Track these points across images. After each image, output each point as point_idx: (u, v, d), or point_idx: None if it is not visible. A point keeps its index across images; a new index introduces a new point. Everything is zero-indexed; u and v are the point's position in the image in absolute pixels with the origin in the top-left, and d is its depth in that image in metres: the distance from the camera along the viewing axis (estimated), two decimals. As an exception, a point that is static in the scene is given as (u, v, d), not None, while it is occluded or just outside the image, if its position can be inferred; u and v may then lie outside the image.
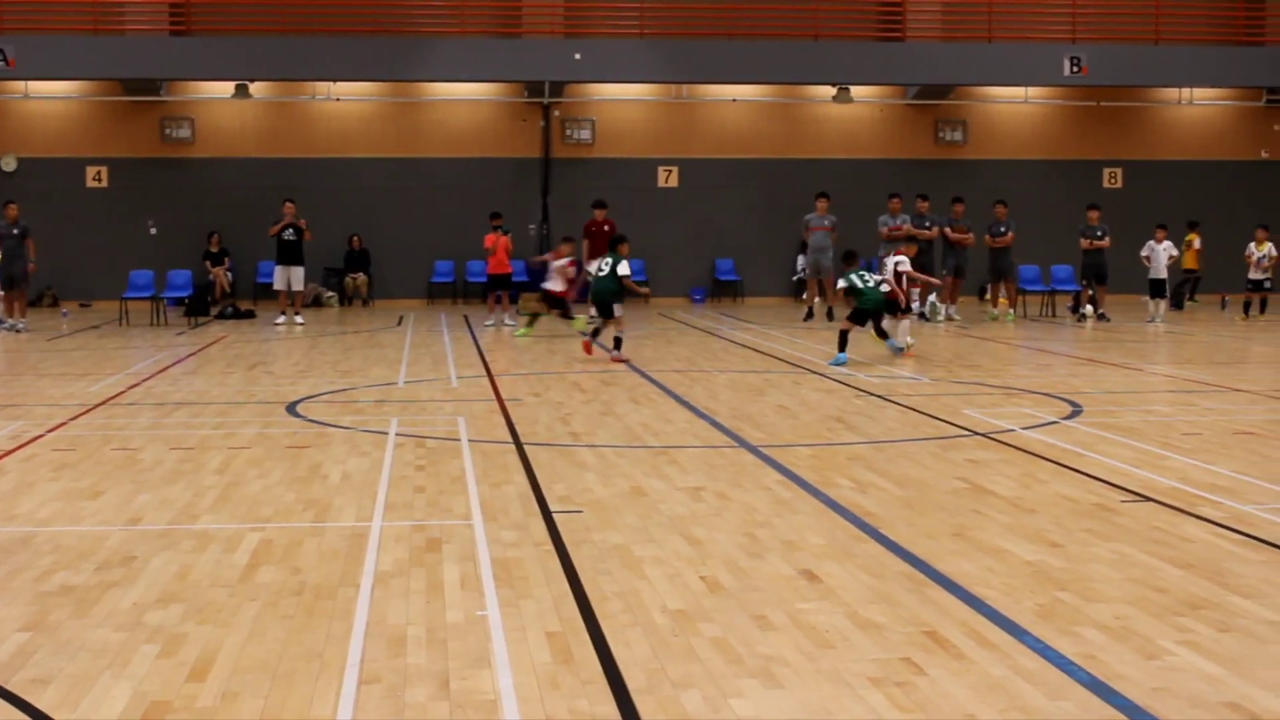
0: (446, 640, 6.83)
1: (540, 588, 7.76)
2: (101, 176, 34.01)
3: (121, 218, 33.56)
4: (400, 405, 15.62)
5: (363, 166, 34.16)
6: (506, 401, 15.63)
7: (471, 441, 12.84)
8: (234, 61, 32.28)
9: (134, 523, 9.53)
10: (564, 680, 6.25)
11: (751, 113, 35.10)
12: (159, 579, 7.99)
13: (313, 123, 34.32)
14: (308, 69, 32.67)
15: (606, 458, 12.01)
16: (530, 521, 9.42)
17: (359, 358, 20.78)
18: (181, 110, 34.15)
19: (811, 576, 8.00)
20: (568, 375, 18.44)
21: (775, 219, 34.21)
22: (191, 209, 33.56)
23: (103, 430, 13.77)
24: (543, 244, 33.44)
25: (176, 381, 17.85)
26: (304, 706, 5.96)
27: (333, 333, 25.92)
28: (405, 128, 34.46)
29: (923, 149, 35.64)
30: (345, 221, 33.60)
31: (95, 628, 7.07)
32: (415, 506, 9.98)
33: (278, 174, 33.31)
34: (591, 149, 34.73)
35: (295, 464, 11.74)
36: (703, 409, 15.05)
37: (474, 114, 34.57)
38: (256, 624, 7.12)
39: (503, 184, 34.03)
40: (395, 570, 8.14)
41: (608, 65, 32.75)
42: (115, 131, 34.00)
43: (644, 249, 32.79)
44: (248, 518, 9.65)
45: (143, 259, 32.72)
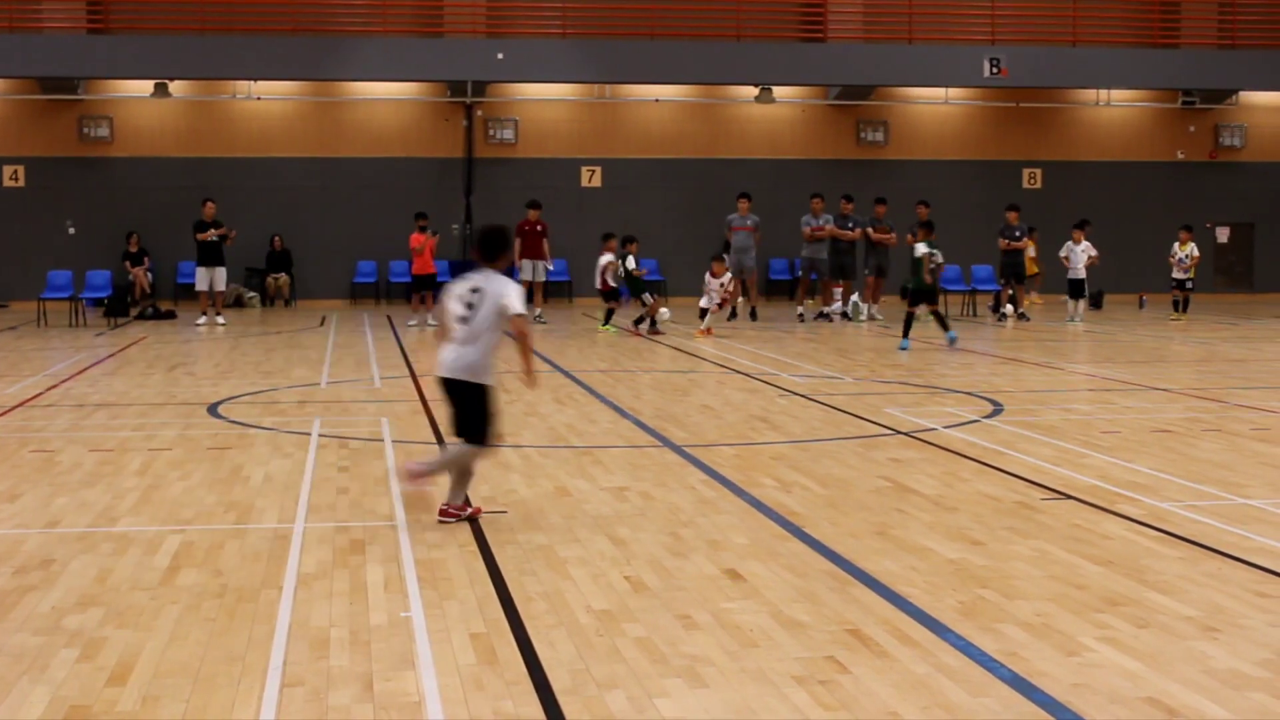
0: (370, 642, 6.80)
1: (464, 589, 7.74)
2: (18, 175, 33.63)
3: (39, 217, 33.21)
4: (323, 406, 15.54)
5: (284, 166, 33.96)
6: (430, 402, 15.57)
7: (395, 442, 12.79)
8: (153, 60, 32.01)
9: (52, 525, 9.43)
10: (488, 681, 6.24)
11: (674, 113, 35.16)
12: (78, 582, 7.91)
13: (233, 122, 34.08)
14: (228, 68, 32.44)
15: (530, 458, 11.99)
16: (454, 523, 9.38)
17: (281, 358, 20.66)
18: (100, 109, 33.82)
19: (735, 576, 8.02)
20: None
21: (698, 219, 34.26)
22: (110, 209, 33.25)
23: (20, 432, 13.62)
24: (466, 244, 33.33)
25: (96, 383, 17.67)
26: (226, 710, 5.91)
27: (254, 333, 25.74)
28: (327, 127, 34.29)
29: (845, 149, 35.82)
30: (267, 221, 33.39)
31: (13, 632, 6.99)
32: (338, 508, 9.93)
33: (198, 174, 33.07)
34: (515, 149, 34.69)
35: (217, 466, 11.65)
36: (627, 409, 15.06)
37: (397, 113, 34.45)
38: (178, 627, 7.06)
39: (426, 184, 33.93)
40: (318, 572, 8.10)
41: (530, 65, 32.73)
42: (32, 130, 33.64)
43: (567, 249, 32.83)
44: (168, 520, 9.57)
45: (61, 259, 32.39)
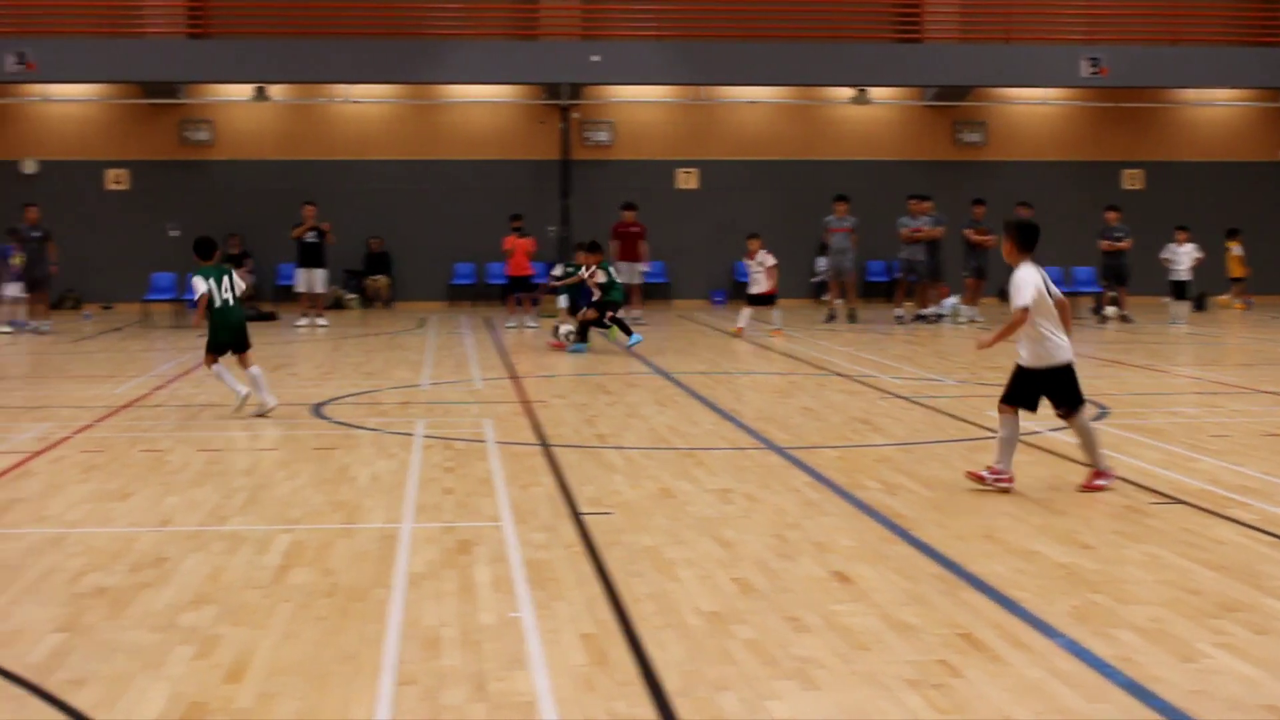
0: (481, 642, 6.82)
1: (573, 590, 7.76)
2: (122, 179, 34.08)
3: (142, 220, 33.61)
4: (425, 407, 15.63)
5: (381, 169, 34.20)
6: (532, 403, 15.63)
7: (498, 443, 12.84)
8: (253, 64, 32.34)
9: (164, 524, 9.54)
10: (600, 682, 6.25)
11: (770, 114, 35.08)
12: (191, 580, 8.00)
13: (331, 125, 34.37)
14: (326, 71, 32.70)
15: (634, 460, 12.00)
16: (560, 523, 9.42)
17: (381, 360, 20.79)
18: (201, 113, 34.21)
19: (843, 578, 7.99)
20: (591, 378, 18.44)
21: (794, 221, 34.15)
22: (212, 211, 33.58)
23: (129, 432, 13.79)
24: (562, 246, 33.45)
25: (201, 384, 17.86)
26: (341, 708, 5.96)
27: (354, 335, 25.94)
28: (424, 130, 34.49)
29: (941, 151, 35.59)
30: (365, 224, 33.64)
31: (130, 629, 7.07)
32: (444, 508, 9.98)
33: (297, 176, 33.35)
34: (610, 151, 34.74)
35: (323, 466, 11.74)
36: (728, 411, 15.04)
37: (492, 116, 34.59)
38: (291, 625, 7.12)
39: (522, 186, 34.05)
40: (427, 572, 8.14)
41: (626, 67, 32.76)
42: (135, 134, 34.08)
43: (663, 251, 32.83)
44: (277, 519, 9.66)
45: (164, 261, 32.79)
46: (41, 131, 33.99)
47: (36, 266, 27.06)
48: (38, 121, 33.99)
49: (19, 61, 31.21)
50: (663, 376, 18.40)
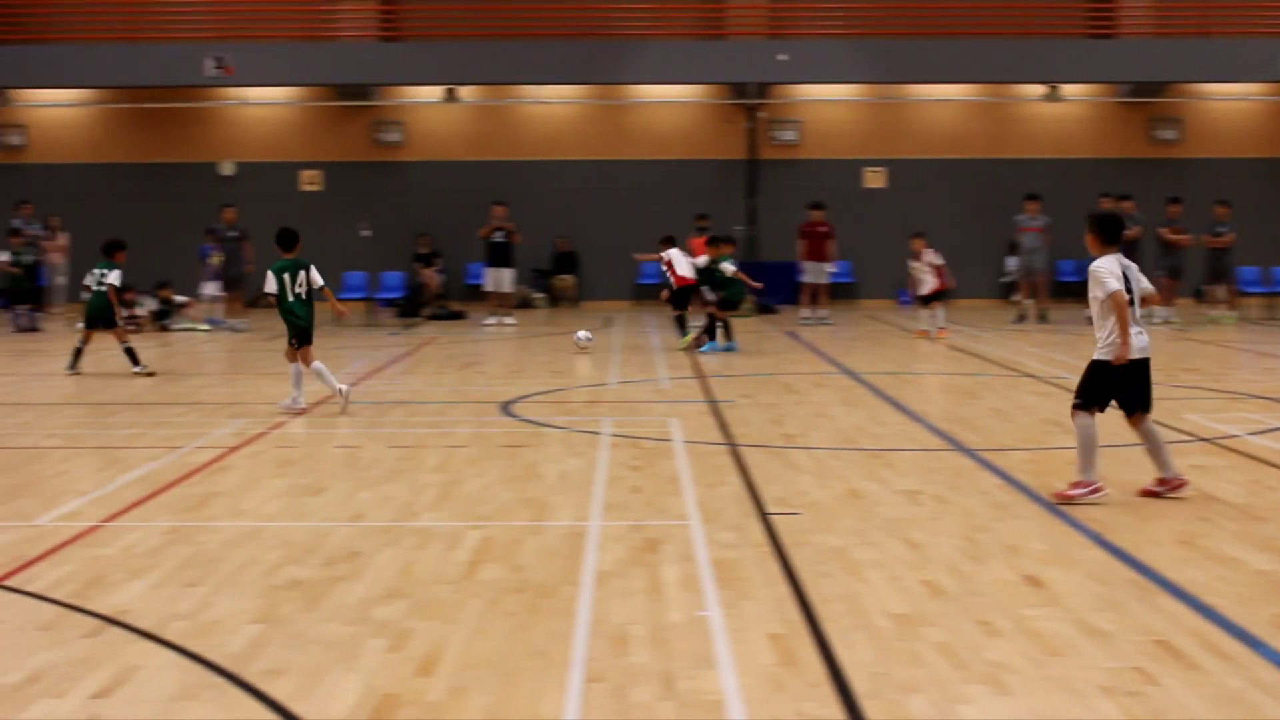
0: (669, 640, 6.84)
1: (760, 589, 7.74)
2: (315, 180, 34.74)
3: (335, 220, 34.20)
4: (612, 406, 15.70)
5: (569, 169, 34.44)
6: (718, 403, 15.63)
7: (685, 442, 12.85)
8: (443, 66, 32.77)
9: (357, 519, 9.70)
10: (789, 683, 6.22)
11: (959, 112, 34.68)
12: (384, 575, 8.12)
13: (520, 126, 34.69)
14: (515, 73, 33.01)
15: (821, 460, 11.94)
16: (747, 523, 9.40)
17: (569, 358, 20.93)
18: (392, 114, 34.75)
19: (1035, 582, 7.87)
20: (779, 377, 18.38)
21: (984, 220, 33.72)
22: (402, 212, 34.11)
23: (323, 429, 14.05)
24: (751, 246, 33.41)
25: (392, 381, 18.14)
26: (531, 703, 6.00)
27: (542, 334, 26.15)
28: (611, 130, 34.67)
29: (1136, 148, 34.85)
30: (552, 223, 33.90)
31: (324, 621, 7.20)
32: (632, 506, 10.01)
33: (486, 177, 33.71)
34: (797, 150, 34.60)
35: (512, 463, 11.85)
36: (916, 412, 14.90)
37: (679, 116, 34.66)
38: (481, 621, 7.19)
39: (708, 186, 34.05)
40: (615, 570, 8.17)
41: (813, 66, 32.60)
42: (328, 136, 34.72)
43: (850, 250, 32.61)
44: (467, 516, 9.77)
45: (356, 261, 33.39)
46: (239, 134, 34.80)
47: (233, 266, 27.75)
48: (235, 124, 34.80)
49: (218, 66, 31.97)
50: (850, 376, 18.29)
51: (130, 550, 8.75)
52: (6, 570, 8.24)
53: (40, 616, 7.33)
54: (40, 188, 33.23)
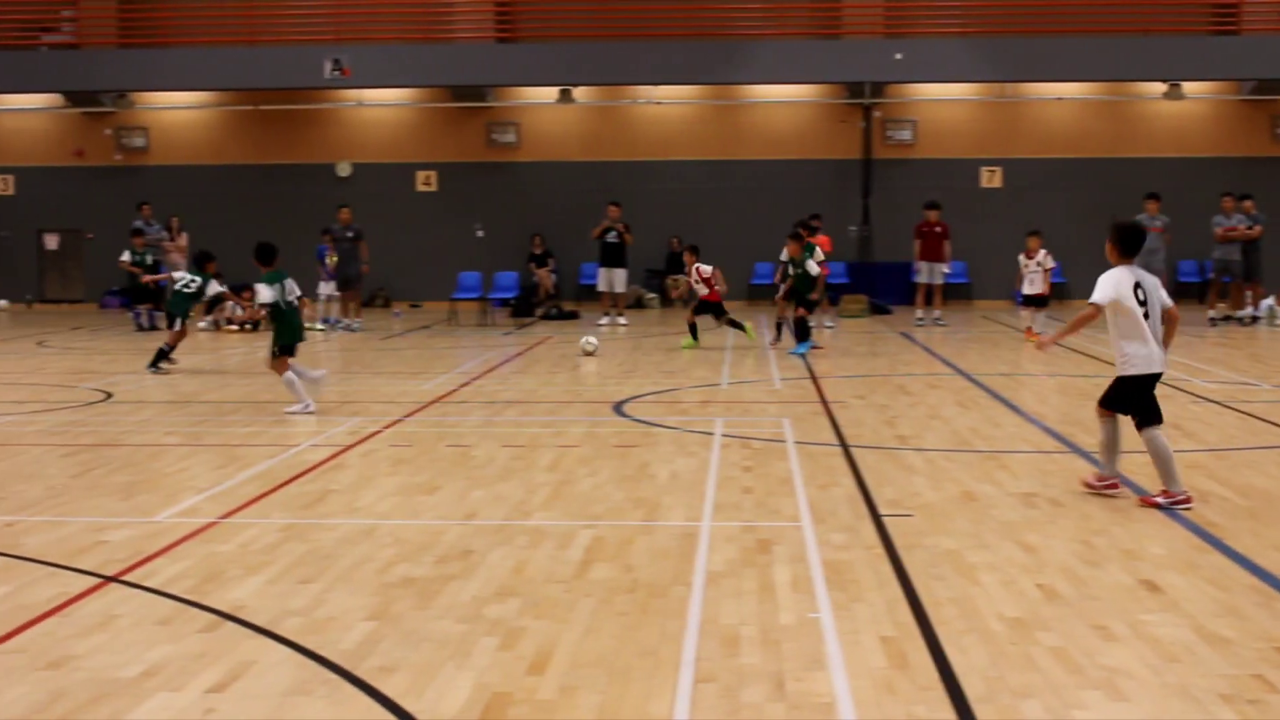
0: (780, 641, 6.81)
1: (872, 591, 7.69)
2: (431, 180, 35.00)
3: (450, 221, 34.47)
4: (725, 406, 15.68)
5: (683, 169, 34.43)
6: (831, 404, 15.56)
7: (797, 443, 12.80)
8: (558, 67, 32.88)
9: (470, 518, 9.74)
10: (900, 685, 6.18)
11: (1077, 111, 34.27)
12: (496, 573, 8.15)
13: (634, 126, 34.74)
14: (630, 73, 33.05)
15: (935, 462, 11.85)
16: (860, 524, 9.35)
17: (682, 359, 20.92)
18: (507, 115, 34.93)
19: (1153, 587, 7.76)
20: (892, 378, 18.27)
21: (1102, 220, 33.11)
22: (516, 212, 34.29)
23: (437, 427, 14.14)
24: (863, 245, 33.25)
25: (505, 380, 18.23)
26: (641, 703, 6.00)
27: (655, 334, 26.16)
28: (725, 130, 34.62)
29: (1259, 146, 34.24)
30: (666, 223, 33.90)
31: (437, 619, 7.24)
32: (744, 507, 9.99)
33: (599, 177, 33.80)
34: (912, 150, 34.37)
35: (624, 463, 11.86)
36: (1031, 413, 14.75)
37: (793, 115, 34.55)
38: (592, 620, 7.20)
39: (822, 185, 33.91)
40: (726, 570, 8.16)
41: (929, 65, 32.35)
42: (443, 137, 34.97)
43: (965, 250, 32.35)
44: (579, 515, 9.79)
45: (470, 261, 33.62)
46: (355, 135, 35.15)
47: (349, 266, 28.02)
48: (352, 126, 35.15)
49: (336, 68, 32.28)
50: (964, 378, 18.13)
51: (246, 547, 8.86)
52: (126, 565, 8.37)
53: (158, 611, 7.43)
54: (161, 189, 33.77)
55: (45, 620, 7.25)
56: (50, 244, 36.03)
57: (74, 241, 35.87)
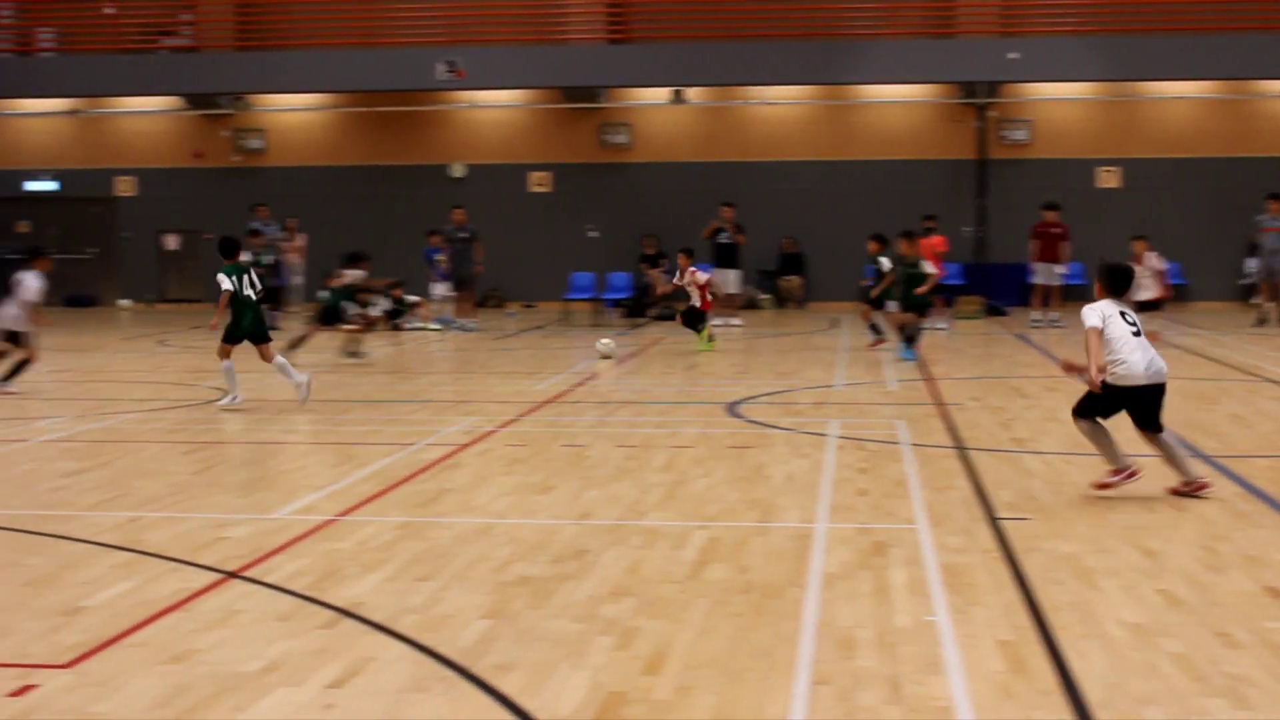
0: (896, 644, 6.77)
1: (990, 595, 7.62)
2: (544, 181, 35.15)
3: (562, 221, 34.59)
4: (839, 407, 15.62)
5: (796, 169, 34.32)
6: (946, 406, 15.45)
7: (912, 445, 12.73)
8: (670, 67, 32.90)
9: (584, 517, 9.77)
10: (1018, 690, 6.12)
11: (1197, 109, 33.77)
12: (611, 573, 8.17)
13: (747, 126, 34.68)
14: (742, 74, 33.01)
15: (1053, 465, 11.74)
16: (976, 527, 9.27)
17: (795, 360, 20.87)
18: (620, 116, 35.00)
19: (1277, 594, 7.63)
20: (1008, 380, 18.11)
21: (1222, 220, 32.80)
22: (628, 213, 34.34)
23: (551, 427, 14.20)
24: (978, 247, 33.00)
25: (619, 381, 18.27)
26: (756, 704, 5.99)
27: (768, 335, 26.12)
28: (838, 130, 34.47)
29: (1391, 143, 33.57)
30: (778, 224, 33.82)
31: (553, 618, 7.27)
32: (859, 509, 9.94)
33: (712, 178, 33.77)
34: (1028, 150, 34.03)
35: (738, 464, 11.85)
36: (1150, 416, 14.54)
37: (907, 115, 34.33)
38: (707, 620, 7.20)
39: (936, 186, 33.66)
40: (842, 572, 8.12)
41: (1045, 64, 32.00)
42: (556, 138, 35.10)
43: (1082, 251, 31.93)
44: (694, 516, 9.79)
45: (583, 261, 33.71)
46: (469, 136, 35.38)
47: (463, 266, 28.20)
48: (466, 127, 35.39)
49: (450, 70, 32.52)
50: (1081, 380, 17.90)
51: (364, 544, 8.94)
52: (246, 562, 8.47)
53: (278, 607, 7.52)
54: (277, 190, 34.17)
55: (168, 615, 7.36)
56: (170, 244, 36.61)
57: (193, 242, 36.38)
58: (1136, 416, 10.38)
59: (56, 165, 36.73)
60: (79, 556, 8.70)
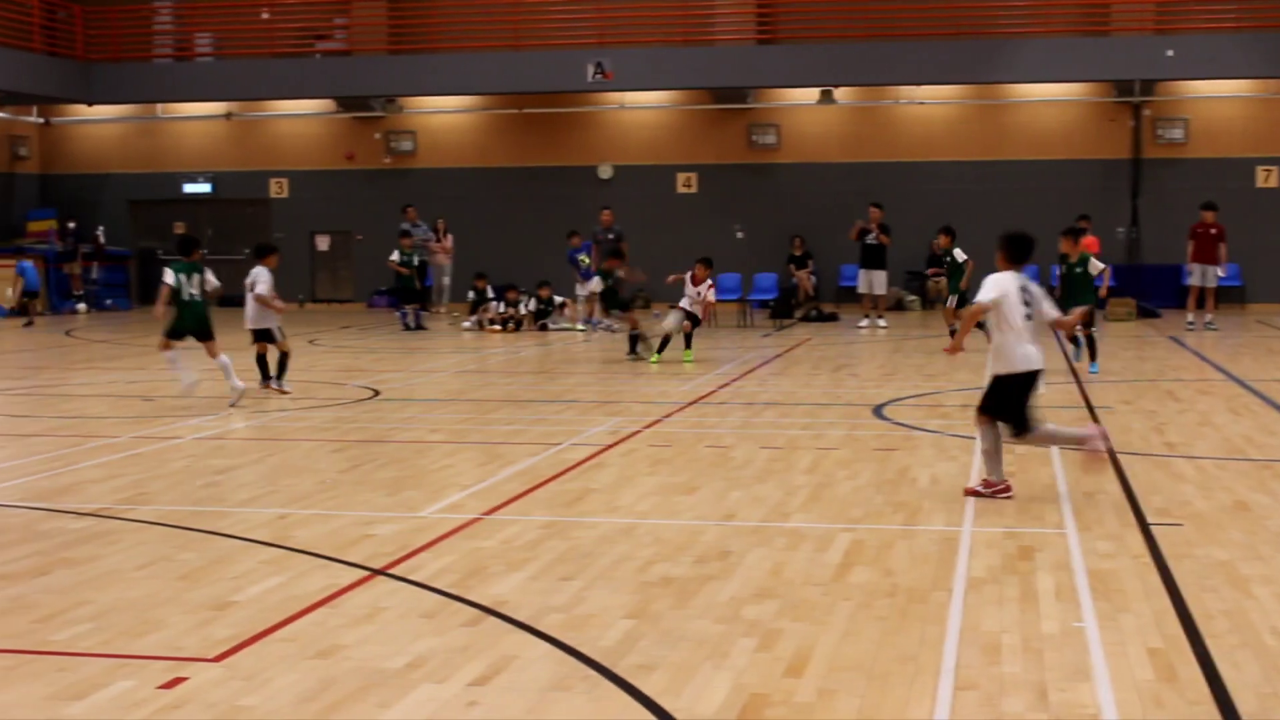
0: (1042, 650, 6.67)
1: (1139, 602, 7.49)
2: (691, 182, 35.17)
3: (709, 222, 34.57)
4: (986, 410, 15.42)
5: (945, 169, 34.03)
6: (1096, 409, 15.22)
7: (1061, 449, 12.54)
8: (819, 68, 32.79)
9: (728, 518, 9.75)
10: (1168, 699, 6.00)
11: (1360, 108, 32.98)
12: (754, 574, 8.14)
13: (896, 126, 34.45)
14: (892, 73, 32.81)
15: (1206, 470, 11.51)
16: (1126, 533, 9.12)
17: (943, 362, 20.67)
18: (768, 117, 34.93)
19: None
20: (1160, 383, 17.81)
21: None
22: (776, 213, 34.27)
23: (695, 428, 14.19)
24: (1132, 248, 32.48)
25: (764, 382, 18.22)
26: (900, 708, 5.93)
27: (915, 336, 25.91)
28: (989, 130, 34.11)
29: None
30: (926, 224, 33.44)
31: (695, 619, 7.26)
32: (1006, 513, 9.82)
33: (860, 178, 33.59)
34: (1184, 149, 33.42)
35: (883, 466, 11.76)
36: (1309, 421, 14.25)
37: (1059, 115, 33.88)
38: (850, 623, 7.15)
39: (1089, 186, 33.19)
40: (988, 577, 8.02)
41: (1203, 61, 31.42)
42: (704, 139, 35.11)
43: (1239, 252, 31.32)
44: (838, 518, 9.73)
45: (729, 262, 33.65)
46: (617, 138, 35.51)
47: (610, 267, 28.24)
48: (614, 128, 35.52)
49: (598, 71, 32.66)
50: (1237, 384, 17.58)
51: (509, 543, 8.99)
52: (392, 559, 8.56)
53: (423, 605, 7.58)
54: (427, 191, 34.58)
55: (315, 610, 7.46)
56: (321, 245, 37.16)
57: (344, 242, 36.93)
58: (1015, 414, 10.27)
59: (211, 167, 37.45)
60: (229, 552, 8.85)
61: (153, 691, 6.18)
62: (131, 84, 35.62)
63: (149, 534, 9.40)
